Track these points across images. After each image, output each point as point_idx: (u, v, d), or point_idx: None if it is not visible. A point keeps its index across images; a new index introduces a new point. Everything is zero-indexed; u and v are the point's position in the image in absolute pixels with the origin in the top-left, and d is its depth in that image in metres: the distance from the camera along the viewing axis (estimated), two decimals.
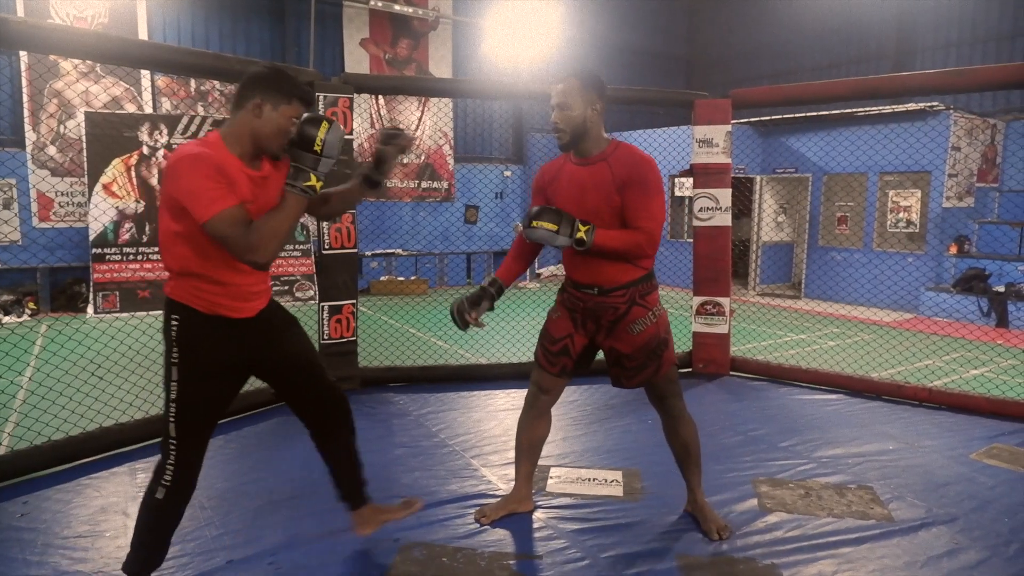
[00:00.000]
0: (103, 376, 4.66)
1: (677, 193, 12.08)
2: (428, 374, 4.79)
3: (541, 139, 13.11)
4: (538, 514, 2.80)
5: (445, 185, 12.30)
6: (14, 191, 9.00)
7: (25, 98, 9.01)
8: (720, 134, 4.84)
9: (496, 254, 12.46)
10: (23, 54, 8.94)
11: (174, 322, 2.06)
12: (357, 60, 11.36)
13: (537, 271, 12.60)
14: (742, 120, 10.71)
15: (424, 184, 12.08)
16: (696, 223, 4.95)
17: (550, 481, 3.12)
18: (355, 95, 4.36)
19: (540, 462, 3.31)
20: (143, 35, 9.80)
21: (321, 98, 4.21)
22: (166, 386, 2.07)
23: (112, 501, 2.90)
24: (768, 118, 10.68)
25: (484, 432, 3.78)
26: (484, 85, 6.26)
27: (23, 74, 8.97)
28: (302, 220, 10.11)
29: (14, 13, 8.79)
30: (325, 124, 2.01)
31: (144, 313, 8.46)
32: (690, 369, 4.99)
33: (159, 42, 8.99)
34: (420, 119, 11.94)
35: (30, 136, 9.06)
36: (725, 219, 4.89)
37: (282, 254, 9.87)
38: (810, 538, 2.62)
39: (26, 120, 9.04)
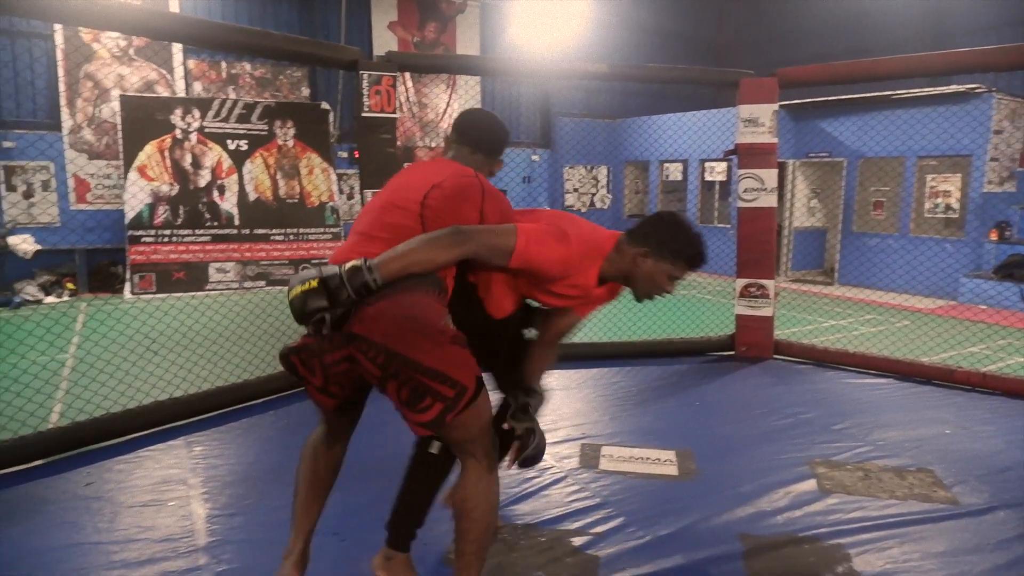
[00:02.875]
0: (142, 354, 4.72)
1: (707, 178, 11.96)
2: None
3: (569, 123, 13.02)
4: (594, 491, 2.78)
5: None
6: (51, 174, 9.12)
7: (61, 82, 9.10)
8: (766, 113, 4.75)
9: None
10: (59, 38, 9.02)
11: None
12: (385, 43, 11.32)
13: None
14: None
15: None
16: (740, 204, 4.88)
17: (602, 460, 3.11)
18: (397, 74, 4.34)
19: (590, 440, 3.31)
20: (174, 5, 9.83)
21: (365, 76, 4.19)
22: None
23: (172, 472, 2.93)
24: (801, 101, 10.48)
25: None
26: (525, 64, 6.19)
27: (58, 57, 9.05)
28: (331, 203, 10.15)
29: None
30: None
31: (180, 294, 8.57)
32: (732, 352, 4.94)
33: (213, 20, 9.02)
34: (448, 102, 11.90)
35: (66, 119, 9.16)
36: (770, 200, 4.82)
37: (311, 237, 9.94)
38: (873, 519, 2.59)
39: (62, 104, 9.14)
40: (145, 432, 3.32)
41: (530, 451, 1.88)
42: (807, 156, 10.89)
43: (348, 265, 1.66)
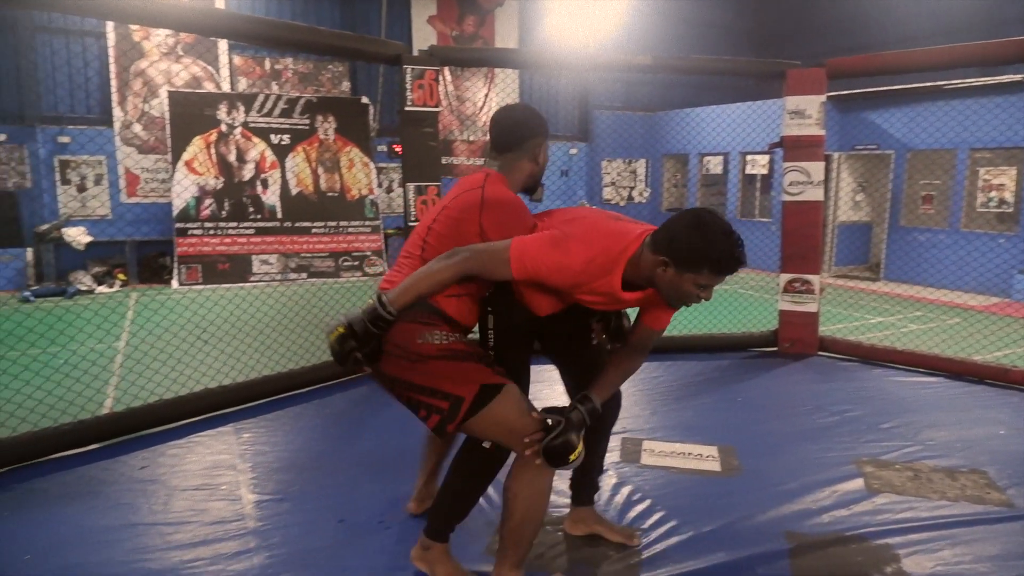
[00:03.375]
0: (192, 343, 4.86)
1: (749, 171, 11.76)
2: None
3: (608, 116, 12.93)
4: (636, 485, 2.78)
5: None
6: (104, 168, 9.42)
7: (112, 78, 9.38)
8: (813, 105, 4.65)
9: None
10: (111, 36, 9.30)
11: None
12: (424, 37, 11.38)
13: None
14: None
15: (491, 162, 12.06)
16: (785, 198, 4.79)
17: (644, 454, 3.09)
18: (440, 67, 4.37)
19: (631, 435, 3.30)
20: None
21: (408, 71, 4.22)
22: None
23: (222, 458, 3.02)
24: (848, 92, 10.21)
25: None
26: (566, 57, 6.17)
27: (111, 55, 9.33)
28: (371, 197, 10.27)
29: None
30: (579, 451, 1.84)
31: (225, 286, 8.78)
32: (775, 348, 4.87)
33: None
34: (486, 96, 11.91)
35: (118, 115, 9.45)
36: (817, 194, 4.72)
37: (351, 230, 10.07)
38: (923, 520, 2.52)
39: (114, 100, 9.42)
40: (196, 418, 3.42)
41: (554, 443, 1.80)
42: (853, 149, 10.62)
43: (366, 307, 1.84)
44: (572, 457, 1.82)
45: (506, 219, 2.00)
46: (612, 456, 3.07)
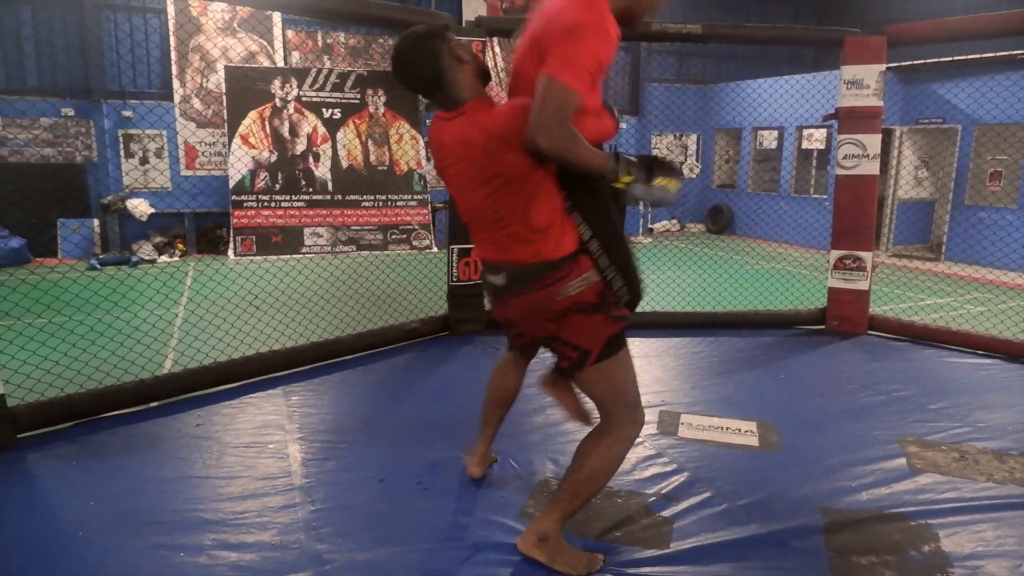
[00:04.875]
0: (246, 309, 5.04)
1: (804, 146, 11.40)
2: None
3: (659, 89, 12.67)
4: (672, 458, 2.79)
5: None
6: (164, 141, 9.76)
7: (173, 54, 9.66)
8: (872, 75, 4.47)
9: None
10: (170, 11, 9.56)
11: None
12: (475, 10, 11.32)
13: (650, 225, 12.35)
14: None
15: None
16: (839, 172, 4.65)
17: (681, 427, 3.10)
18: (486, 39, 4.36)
19: (669, 408, 3.31)
20: None
21: None
22: None
23: (271, 418, 3.16)
24: (912, 63, 9.75)
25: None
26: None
27: (170, 30, 9.61)
28: (419, 171, 10.37)
29: None
30: (674, 183, 1.90)
31: (277, 257, 9.04)
32: (823, 326, 4.76)
33: None
34: None
35: (177, 90, 9.74)
36: (872, 168, 4.56)
37: (399, 204, 10.20)
38: (967, 501, 2.47)
39: (173, 74, 9.71)
40: (248, 381, 3.57)
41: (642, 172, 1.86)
42: (917, 123, 10.17)
43: (616, 164, 1.83)
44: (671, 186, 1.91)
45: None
46: (649, 428, 3.09)
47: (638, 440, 2.89)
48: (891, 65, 9.97)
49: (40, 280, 5.88)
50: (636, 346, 4.35)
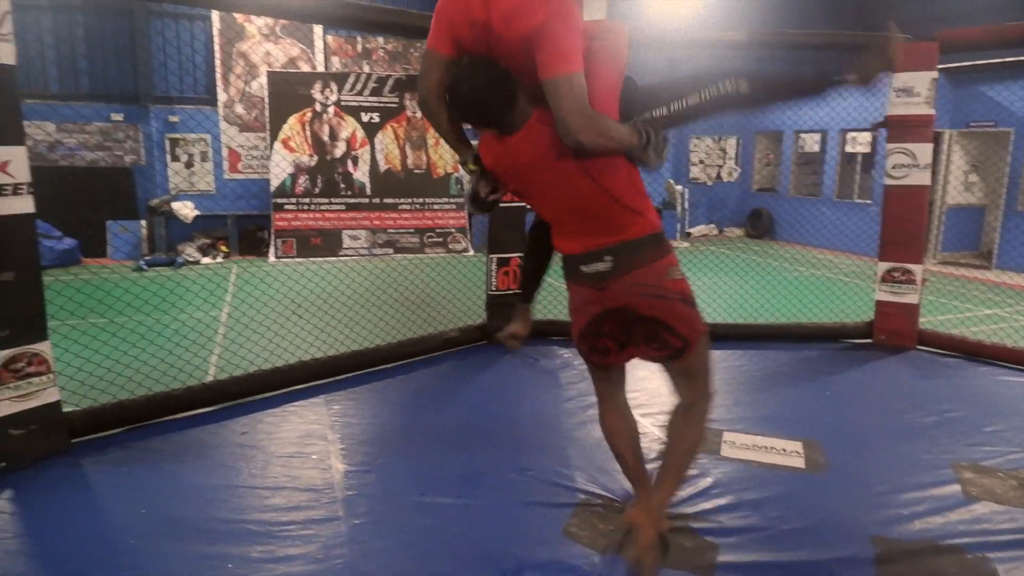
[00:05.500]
0: (288, 316, 5.13)
1: (848, 149, 11.14)
2: None
3: None
4: (716, 478, 2.75)
5: None
6: (208, 145, 9.98)
7: (217, 60, 9.88)
8: (923, 82, 4.35)
9: None
10: (216, 21, 9.77)
11: None
12: None
13: (687, 229, 12.20)
14: None
15: None
16: (888, 182, 4.52)
17: (724, 446, 3.05)
18: None
19: (711, 425, 3.25)
20: None
21: None
22: None
23: (314, 428, 3.20)
24: (964, 64, 9.43)
25: (652, 389, 3.75)
26: (657, 35, 5.99)
27: (215, 38, 9.82)
28: (456, 174, 10.41)
29: None
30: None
31: (317, 259, 9.17)
32: (870, 340, 4.64)
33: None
34: None
35: (221, 95, 9.95)
36: (923, 178, 4.43)
37: (435, 207, 10.25)
38: None
39: (218, 81, 9.92)
40: (290, 389, 3.63)
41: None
42: (967, 126, 9.85)
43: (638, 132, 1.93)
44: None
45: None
46: None
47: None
48: (940, 67, 9.72)
49: (91, 278, 6.07)
50: None
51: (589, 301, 2.04)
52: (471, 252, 10.11)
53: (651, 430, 3.18)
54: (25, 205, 2.77)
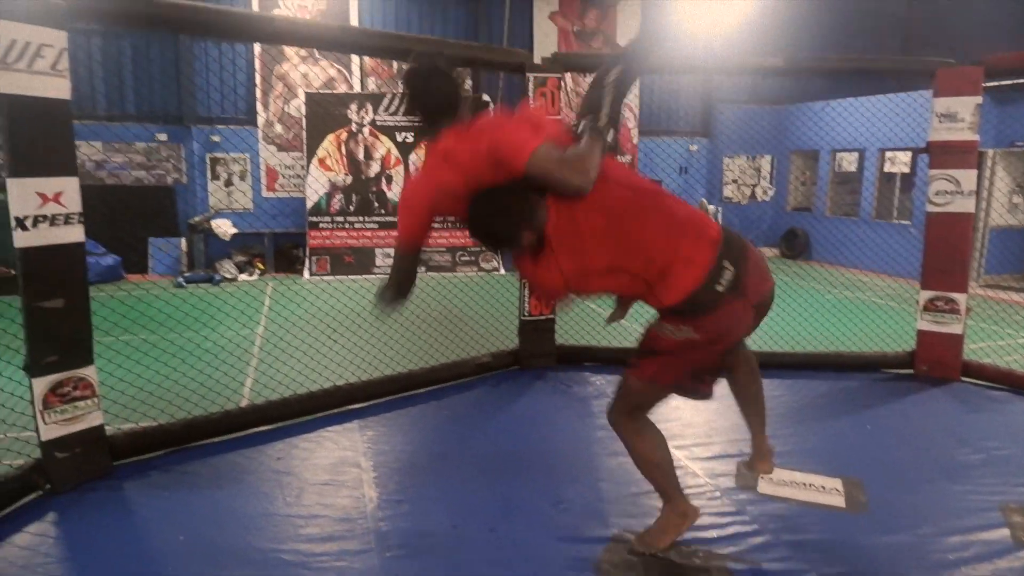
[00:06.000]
0: (320, 335, 5.18)
1: (887, 169, 10.93)
2: (624, 355, 4.77)
3: (732, 110, 12.42)
4: (753, 516, 2.69)
5: (628, 159, 12.09)
6: (248, 164, 10.21)
7: (258, 81, 10.12)
8: (967, 108, 4.25)
9: None
10: (257, 44, 10.02)
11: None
12: (545, 33, 11.42)
13: None
14: None
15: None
16: (930, 208, 4.42)
17: (761, 481, 2.99)
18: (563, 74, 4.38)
19: (748, 459, 3.20)
20: (354, 16, 10.53)
21: (531, 79, 4.27)
22: None
23: (347, 455, 3.22)
24: (1006, 83, 9.19)
25: (685, 420, 3.71)
26: (693, 60, 6.01)
27: (256, 61, 10.07)
28: None
29: (249, 4, 9.87)
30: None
31: (350, 277, 9.28)
32: (912, 371, 4.53)
33: (371, 28, 9.64)
34: None
35: (261, 115, 10.19)
36: (967, 205, 4.32)
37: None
38: None
39: (258, 101, 10.17)
40: (325, 413, 3.67)
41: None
42: (1012, 145, 9.60)
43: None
44: None
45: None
46: (726, 480, 3.00)
47: (716, 494, 2.83)
48: (985, 84, 9.50)
49: (132, 294, 6.23)
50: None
51: (744, 314, 2.15)
52: (502, 271, 10.13)
53: (685, 463, 3.14)
54: (76, 234, 2.86)
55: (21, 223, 2.71)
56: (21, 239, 2.71)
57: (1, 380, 3.17)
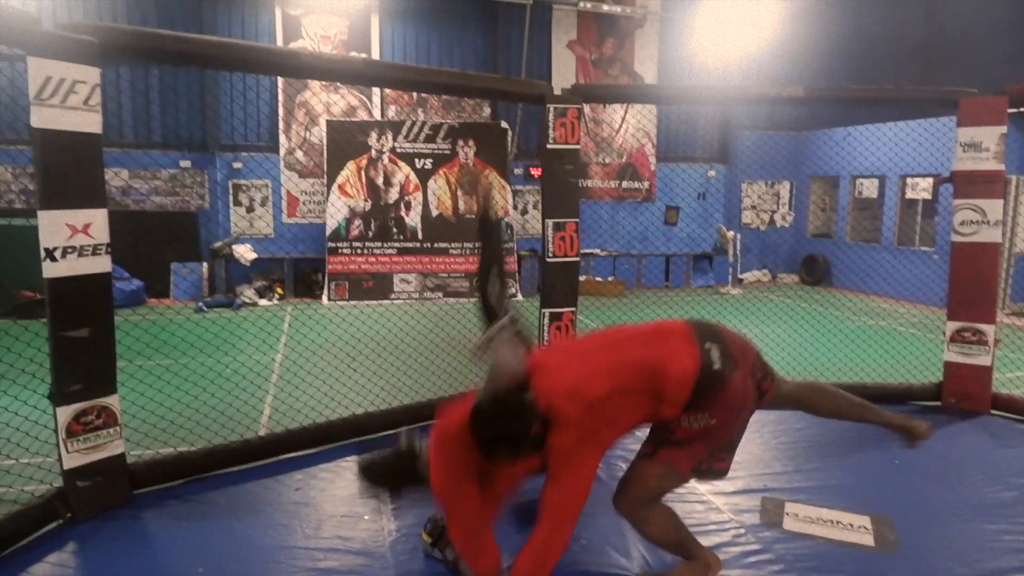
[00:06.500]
0: (340, 360, 5.19)
1: (909, 195, 10.84)
2: None
3: (750, 136, 12.43)
4: (780, 555, 2.63)
5: (646, 185, 12.11)
6: (269, 190, 10.36)
7: (280, 110, 10.31)
8: (992, 137, 4.21)
9: (696, 257, 12.04)
10: None
11: None
12: (564, 62, 11.54)
13: (739, 275, 11.99)
14: None
15: (624, 184, 12.00)
16: (955, 238, 4.36)
17: (787, 518, 2.92)
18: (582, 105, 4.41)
19: (772, 494, 3.14)
20: (375, 46, 10.72)
21: (551, 110, 4.30)
22: None
23: None
24: None
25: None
26: (712, 91, 6.02)
27: (279, 89, 10.27)
28: (506, 219, 10.52)
29: (273, 37, 10.08)
30: None
31: (368, 302, 9.32)
32: (939, 403, 4.43)
33: (393, 62, 9.80)
34: (623, 118, 11.86)
35: (283, 142, 10.36)
36: (993, 235, 4.26)
37: None
38: None
39: (280, 129, 10.34)
40: (344, 442, 3.66)
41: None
42: None
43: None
44: None
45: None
46: (751, 517, 2.94)
47: (740, 530, 2.76)
48: (1009, 111, 9.41)
49: (155, 318, 6.29)
50: None
51: (745, 383, 2.18)
52: (520, 297, 10.13)
53: (709, 498, 3.08)
54: (103, 265, 2.91)
55: (51, 254, 2.75)
56: (50, 270, 2.75)
57: (23, 407, 3.20)
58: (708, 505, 3.05)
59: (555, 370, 2.07)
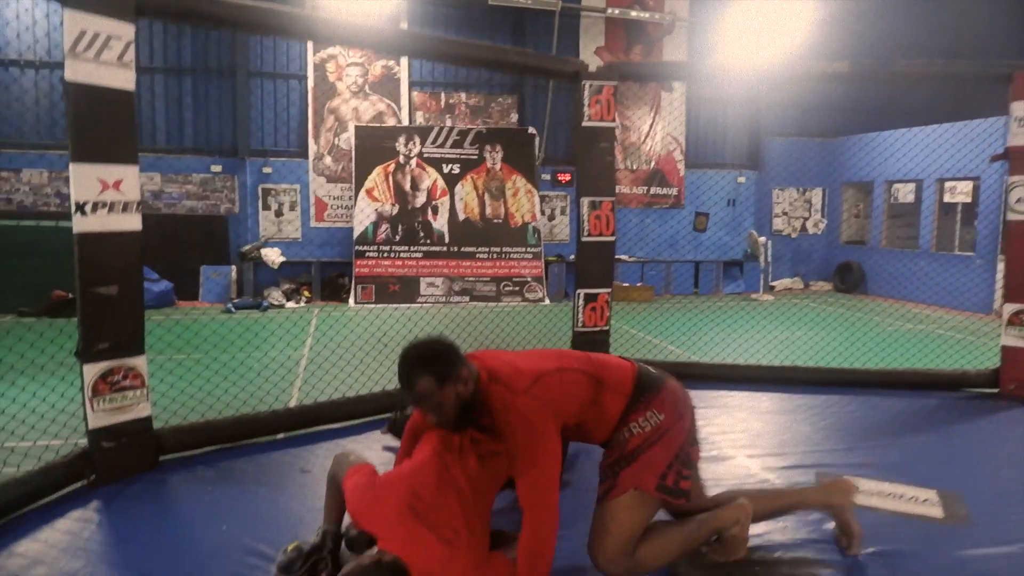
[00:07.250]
0: (367, 352, 5.10)
1: (947, 199, 10.55)
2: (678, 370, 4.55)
3: (780, 143, 12.24)
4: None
5: (674, 192, 11.97)
6: (298, 195, 10.40)
7: (310, 115, 10.39)
8: None
9: (726, 264, 11.83)
10: (311, 78, 10.32)
11: None
12: (591, 37, 11.49)
13: (771, 283, 11.73)
14: None
15: (653, 190, 11.87)
16: (1012, 217, 4.16)
17: None
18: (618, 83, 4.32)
19: (827, 470, 2.95)
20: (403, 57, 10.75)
21: (587, 86, 4.21)
22: None
23: (388, 456, 3.07)
24: None
25: (754, 430, 3.47)
26: (752, 71, 5.87)
27: (309, 95, 10.36)
28: (532, 223, 10.42)
29: (304, 45, 10.19)
30: None
31: (394, 305, 9.26)
32: (997, 390, 4.19)
33: (447, 36, 9.81)
34: (652, 125, 11.77)
35: (312, 148, 10.42)
36: None
37: (512, 256, 10.24)
38: None
39: (310, 134, 10.41)
40: (376, 417, 3.54)
41: None
42: None
43: None
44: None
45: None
46: None
47: None
48: None
49: (183, 319, 6.28)
50: (773, 401, 4.00)
51: (687, 400, 2.23)
52: (547, 302, 10.00)
53: (762, 474, 2.91)
54: (133, 223, 2.85)
55: (81, 208, 2.71)
56: (79, 224, 2.70)
57: (53, 396, 3.13)
58: (759, 479, 2.87)
59: (499, 357, 2.15)
